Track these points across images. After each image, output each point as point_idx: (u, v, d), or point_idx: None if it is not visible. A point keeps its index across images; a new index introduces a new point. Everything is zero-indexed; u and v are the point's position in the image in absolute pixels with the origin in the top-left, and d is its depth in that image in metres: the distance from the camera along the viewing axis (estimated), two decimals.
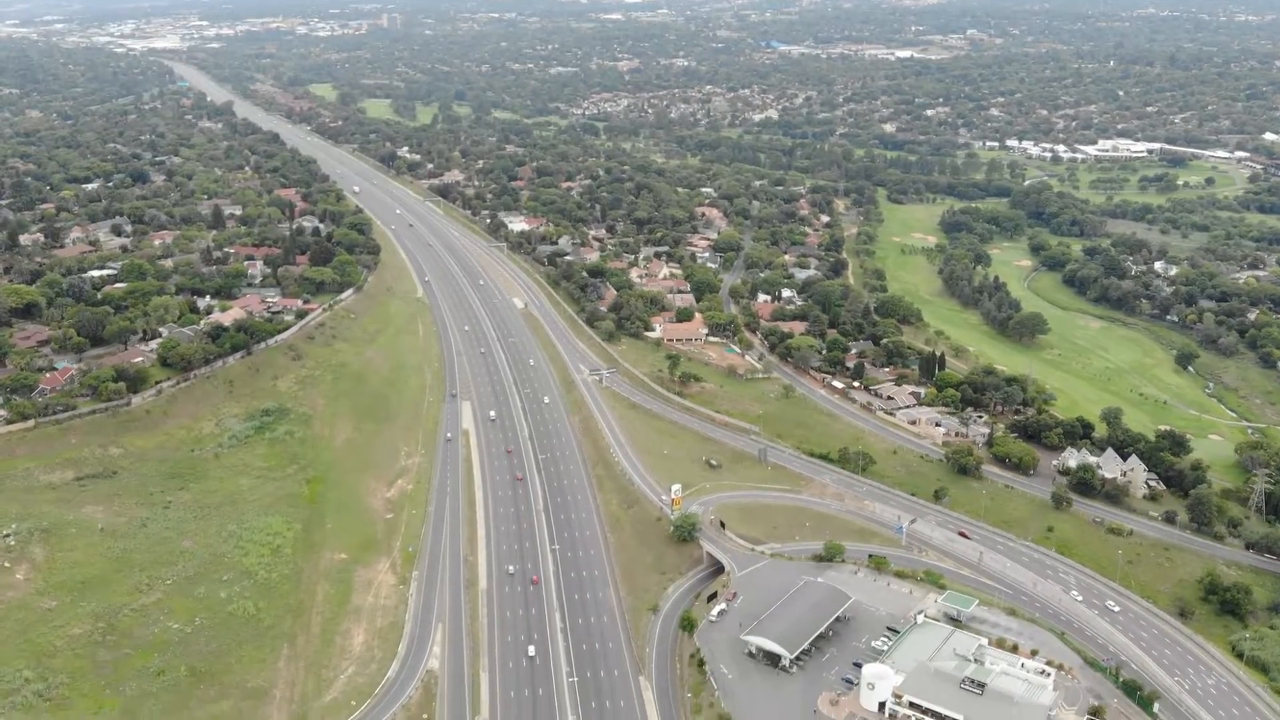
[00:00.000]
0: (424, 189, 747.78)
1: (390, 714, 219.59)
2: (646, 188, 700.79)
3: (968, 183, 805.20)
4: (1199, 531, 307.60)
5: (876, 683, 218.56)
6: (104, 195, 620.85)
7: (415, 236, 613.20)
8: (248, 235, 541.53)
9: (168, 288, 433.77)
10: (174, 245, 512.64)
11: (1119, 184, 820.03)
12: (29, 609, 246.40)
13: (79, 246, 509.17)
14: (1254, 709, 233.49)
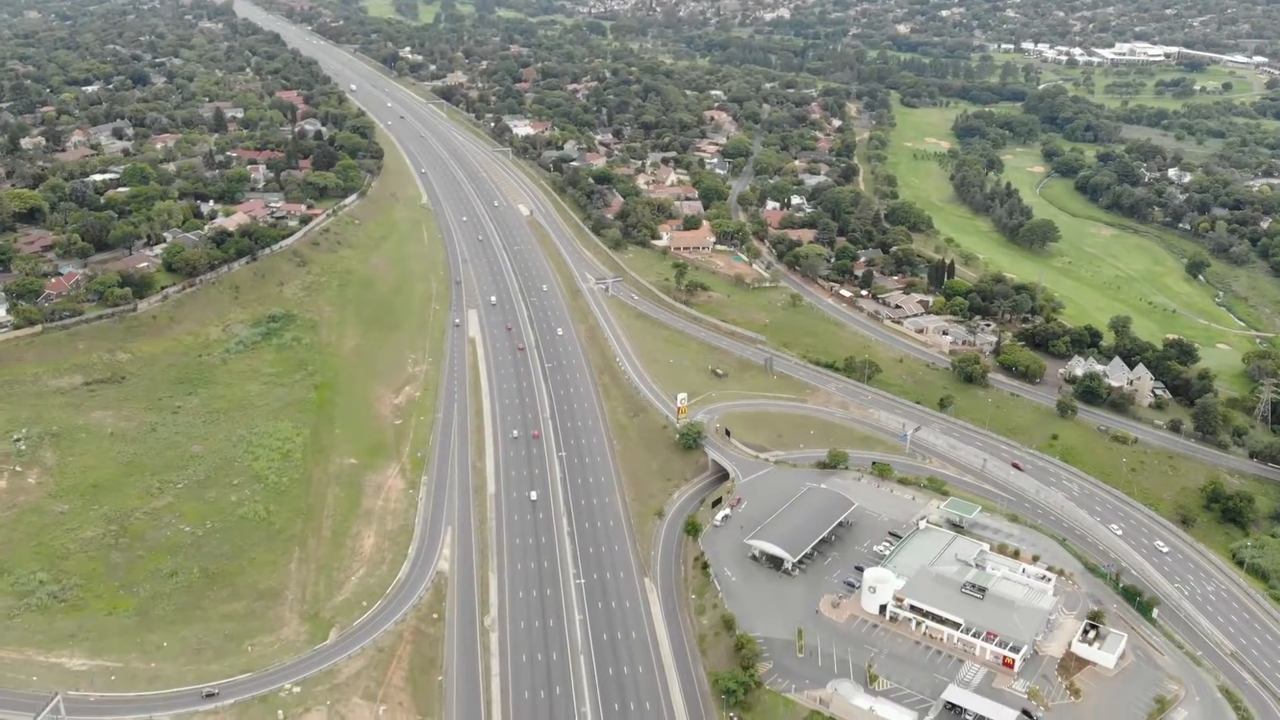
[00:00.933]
0: (426, 91, 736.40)
1: (402, 613, 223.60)
2: (654, 90, 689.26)
3: (982, 86, 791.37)
4: (1204, 440, 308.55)
5: (878, 586, 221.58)
6: (104, 98, 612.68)
7: (419, 141, 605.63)
8: (250, 139, 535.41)
9: (170, 192, 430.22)
10: (176, 149, 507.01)
11: (1135, 88, 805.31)
12: (41, 512, 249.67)
13: (80, 150, 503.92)
14: (1252, 615, 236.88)
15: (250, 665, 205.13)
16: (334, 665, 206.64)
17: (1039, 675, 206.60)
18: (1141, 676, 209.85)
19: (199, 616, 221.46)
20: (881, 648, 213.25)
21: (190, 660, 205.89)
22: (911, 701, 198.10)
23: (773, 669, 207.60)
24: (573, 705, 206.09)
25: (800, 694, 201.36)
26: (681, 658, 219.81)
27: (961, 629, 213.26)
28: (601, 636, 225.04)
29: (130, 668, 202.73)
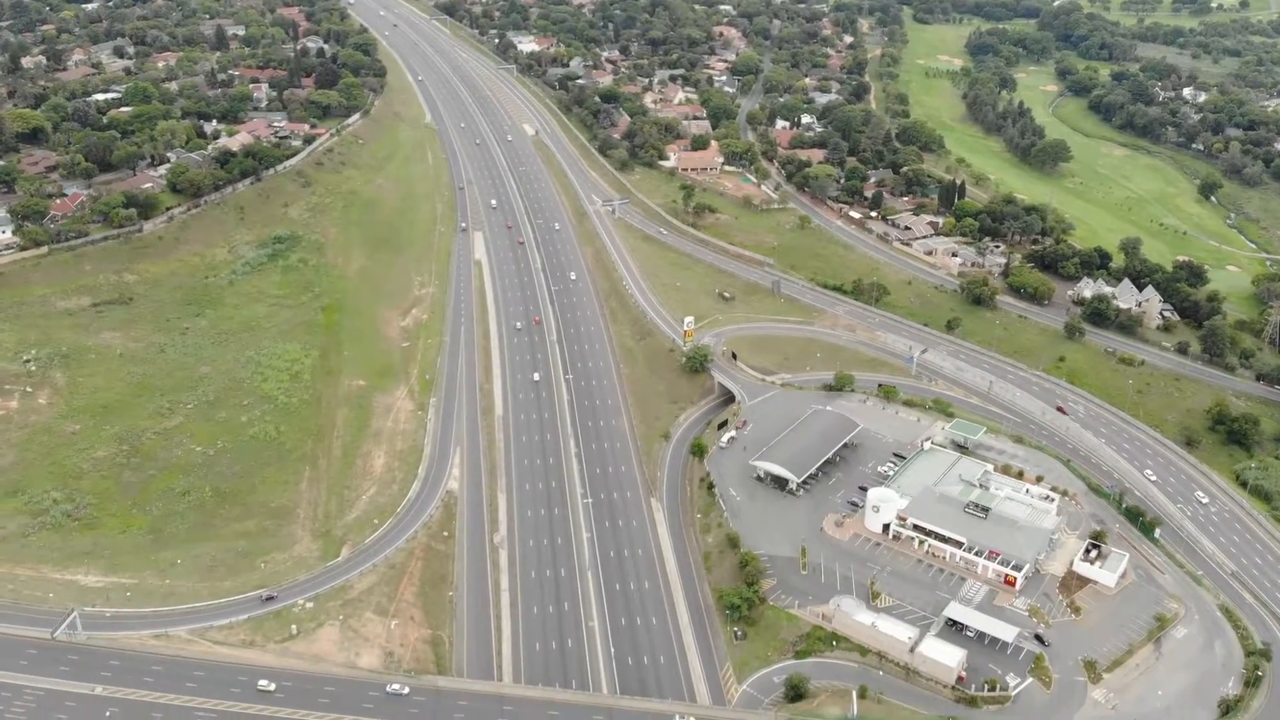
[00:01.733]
0: (429, 6, 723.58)
1: (412, 531, 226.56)
2: (662, 5, 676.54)
3: (996, 2, 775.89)
4: (1211, 363, 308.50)
5: (881, 505, 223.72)
6: (104, 15, 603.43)
7: (422, 58, 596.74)
8: (251, 57, 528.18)
9: (173, 112, 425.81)
10: (177, 67, 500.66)
11: (1151, 5, 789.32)
12: (53, 432, 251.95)
13: (81, 69, 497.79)
14: (1254, 535, 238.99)
15: (263, 582, 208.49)
16: (346, 581, 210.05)
17: (1040, 593, 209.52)
18: (1142, 595, 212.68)
19: (211, 534, 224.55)
20: (884, 566, 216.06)
21: (203, 577, 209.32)
22: (913, 618, 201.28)
23: (776, 585, 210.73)
24: (580, 619, 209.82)
25: (803, 609, 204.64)
26: (687, 574, 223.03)
27: (964, 548, 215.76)
28: (609, 554, 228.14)
29: (145, 584, 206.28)
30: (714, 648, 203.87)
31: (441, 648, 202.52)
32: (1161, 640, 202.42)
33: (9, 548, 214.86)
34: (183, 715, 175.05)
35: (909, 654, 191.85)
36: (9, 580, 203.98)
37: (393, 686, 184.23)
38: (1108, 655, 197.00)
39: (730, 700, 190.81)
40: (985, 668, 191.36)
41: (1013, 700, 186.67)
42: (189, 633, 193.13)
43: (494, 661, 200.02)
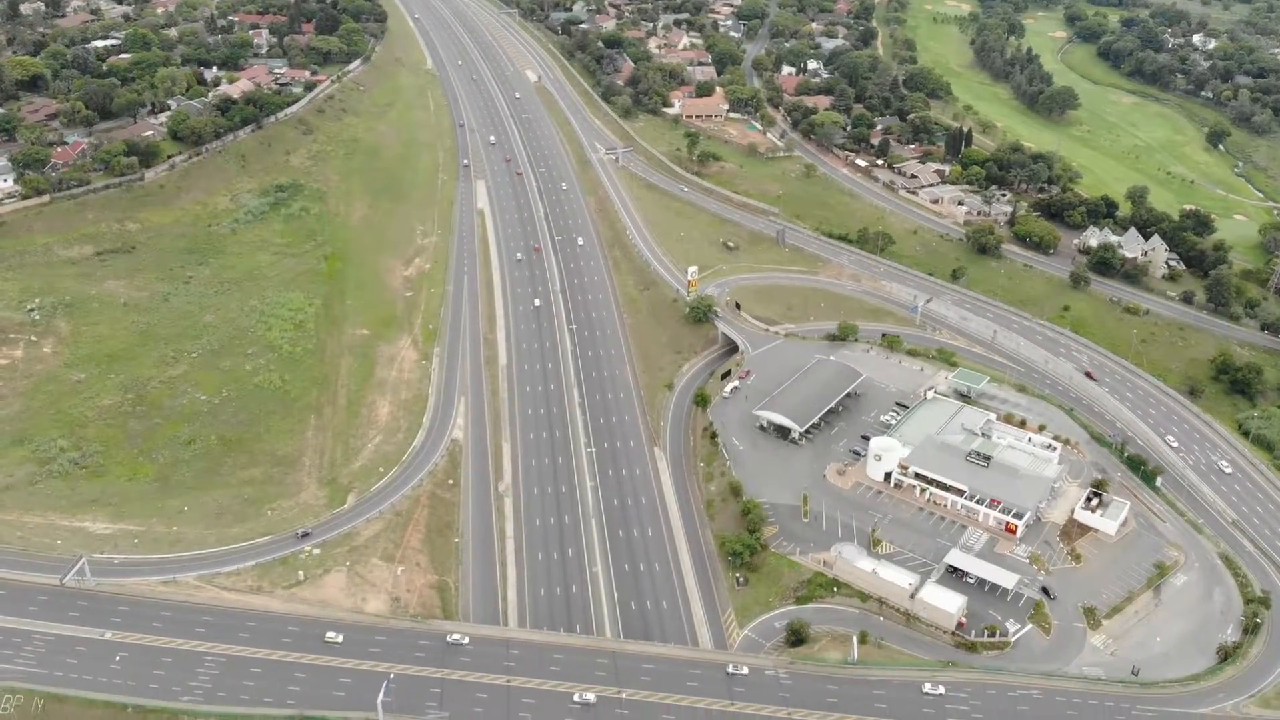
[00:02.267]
0: None
1: (418, 479, 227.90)
2: None
3: None
4: (1216, 312, 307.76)
5: (883, 454, 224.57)
6: None
7: (422, 2, 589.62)
8: (251, 2, 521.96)
9: (173, 59, 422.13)
10: (177, 13, 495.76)
11: None
12: (59, 381, 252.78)
13: (80, 16, 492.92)
14: (1255, 484, 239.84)
15: (270, 528, 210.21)
16: (353, 528, 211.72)
17: (1041, 541, 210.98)
18: (1142, 543, 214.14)
19: (218, 482, 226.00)
20: (885, 514, 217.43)
21: (211, 524, 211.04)
22: (914, 565, 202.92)
23: (778, 533, 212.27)
24: (585, 565, 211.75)
25: (804, 557, 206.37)
26: (690, 522, 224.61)
27: (965, 496, 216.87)
28: (612, 502, 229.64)
29: (152, 531, 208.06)
30: (716, 593, 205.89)
31: (447, 593, 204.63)
32: (1161, 587, 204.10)
33: (17, 495, 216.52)
34: (192, 660, 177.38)
35: (909, 600, 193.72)
36: (17, 527, 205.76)
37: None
38: (1107, 602, 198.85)
39: (732, 644, 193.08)
40: (985, 614, 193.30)
41: (1012, 646, 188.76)
42: (197, 579, 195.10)
43: (499, 607, 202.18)
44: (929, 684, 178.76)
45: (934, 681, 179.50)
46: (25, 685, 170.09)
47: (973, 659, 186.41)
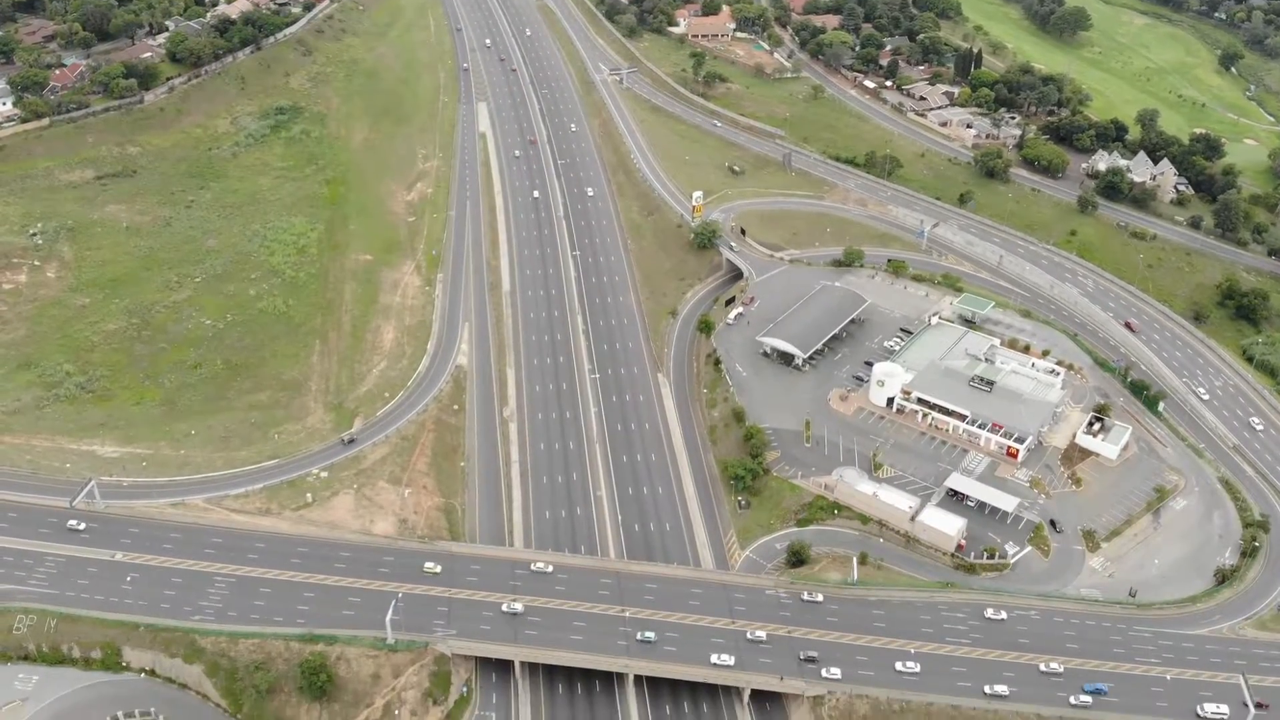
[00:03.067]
0: None
1: (423, 404, 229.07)
2: None
3: None
4: (1223, 237, 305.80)
5: (886, 380, 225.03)
6: None
7: None
8: None
9: None
10: None
11: None
12: (63, 306, 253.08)
13: None
14: (1257, 409, 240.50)
15: (277, 452, 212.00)
16: (359, 452, 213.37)
17: (1042, 465, 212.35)
18: (1143, 467, 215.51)
19: (224, 406, 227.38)
20: (887, 438, 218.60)
21: (218, 447, 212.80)
22: (914, 488, 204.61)
23: (780, 458, 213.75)
24: (589, 489, 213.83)
25: (806, 480, 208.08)
26: (693, 447, 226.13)
27: (967, 420, 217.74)
28: (616, 427, 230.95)
29: (160, 455, 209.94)
30: (718, 516, 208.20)
31: (454, 515, 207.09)
32: (1160, 511, 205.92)
33: (25, 419, 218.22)
34: (202, 580, 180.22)
35: (909, 523, 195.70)
36: (26, 451, 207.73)
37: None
38: (1106, 525, 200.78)
39: (733, 565, 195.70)
40: (985, 536, 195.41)
41: (1011, 568, 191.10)
42: (205, 501, 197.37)
43: (505, 528, 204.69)
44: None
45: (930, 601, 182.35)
46: (38, 606, 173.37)
47: (971, 580, 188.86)
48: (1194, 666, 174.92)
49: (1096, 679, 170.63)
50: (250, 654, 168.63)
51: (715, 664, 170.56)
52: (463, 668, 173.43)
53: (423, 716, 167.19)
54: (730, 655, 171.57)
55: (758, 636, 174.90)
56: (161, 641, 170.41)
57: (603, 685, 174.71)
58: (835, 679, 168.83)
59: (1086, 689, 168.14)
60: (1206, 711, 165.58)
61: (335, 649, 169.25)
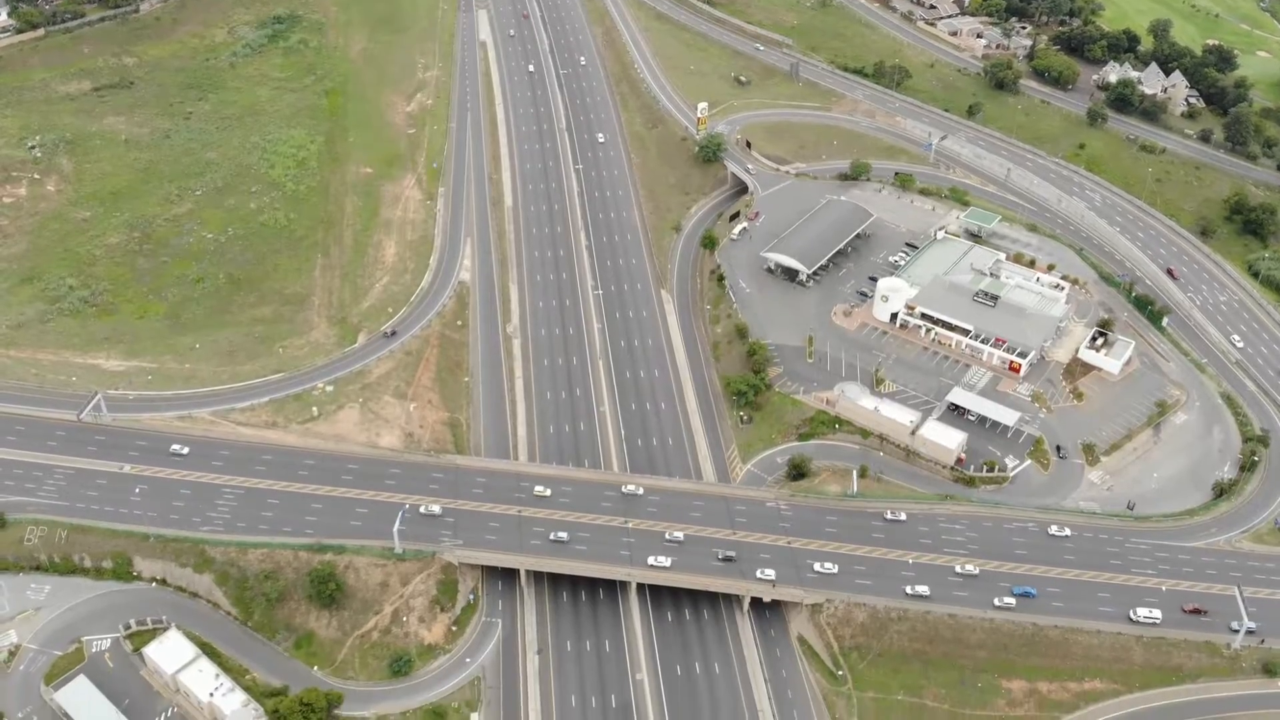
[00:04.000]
0: None
1: (426, 320, 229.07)
2: None
3: None
4: (1233, 151, 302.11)
5: (890, 295, 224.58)
6: None
7: None
8: None
9: None
10: None
11: None
12: (64, 219, 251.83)
13: None
14: (1261, 325, 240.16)
15: (282, 366, 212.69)
16: (364, 367, 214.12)
17: (1044, 380, 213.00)
18: (1145, 382, 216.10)
19: (228, 320, 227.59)
20: (890, 354, 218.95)
21: (223, 361, 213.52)
22: (916, 403, 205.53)
23: (783, 373, 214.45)
24: (592, 404, 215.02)
25: (808, 395, 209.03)
26: (696, 363, 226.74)
27: (971, 335, 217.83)
28: (619, 344, 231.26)
29: (165, 368, 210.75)
30: (720, 431, 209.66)
31: (459, 429, 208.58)
32: (1161, 426, 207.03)
33: (30, 333, 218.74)
34: (210, 492, 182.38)
35: (910, 436, 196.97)
36: (32, 365, 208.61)
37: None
38: (1107, 439, 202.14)
39: (735, 478, 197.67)
40: (985, 450, 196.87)
41: (1010, 481, 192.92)
42: (212, 414, 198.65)
43: (510, 443, 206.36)
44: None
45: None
46: (49, 517, 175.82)
47: (970, 493, 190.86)
48: (1189, 579, 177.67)
49: (1095, 589, 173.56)
50: (259, 563, 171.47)
51: (713, 565, 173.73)
52: (469, 576, 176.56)
53: (430, 623, 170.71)
54: (719, 566, 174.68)
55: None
56: (171, 552, 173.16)
57: (606, 593, 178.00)
58: (831, 572, 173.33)
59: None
60: (1139, 615, 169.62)
61: (344, 558, 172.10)
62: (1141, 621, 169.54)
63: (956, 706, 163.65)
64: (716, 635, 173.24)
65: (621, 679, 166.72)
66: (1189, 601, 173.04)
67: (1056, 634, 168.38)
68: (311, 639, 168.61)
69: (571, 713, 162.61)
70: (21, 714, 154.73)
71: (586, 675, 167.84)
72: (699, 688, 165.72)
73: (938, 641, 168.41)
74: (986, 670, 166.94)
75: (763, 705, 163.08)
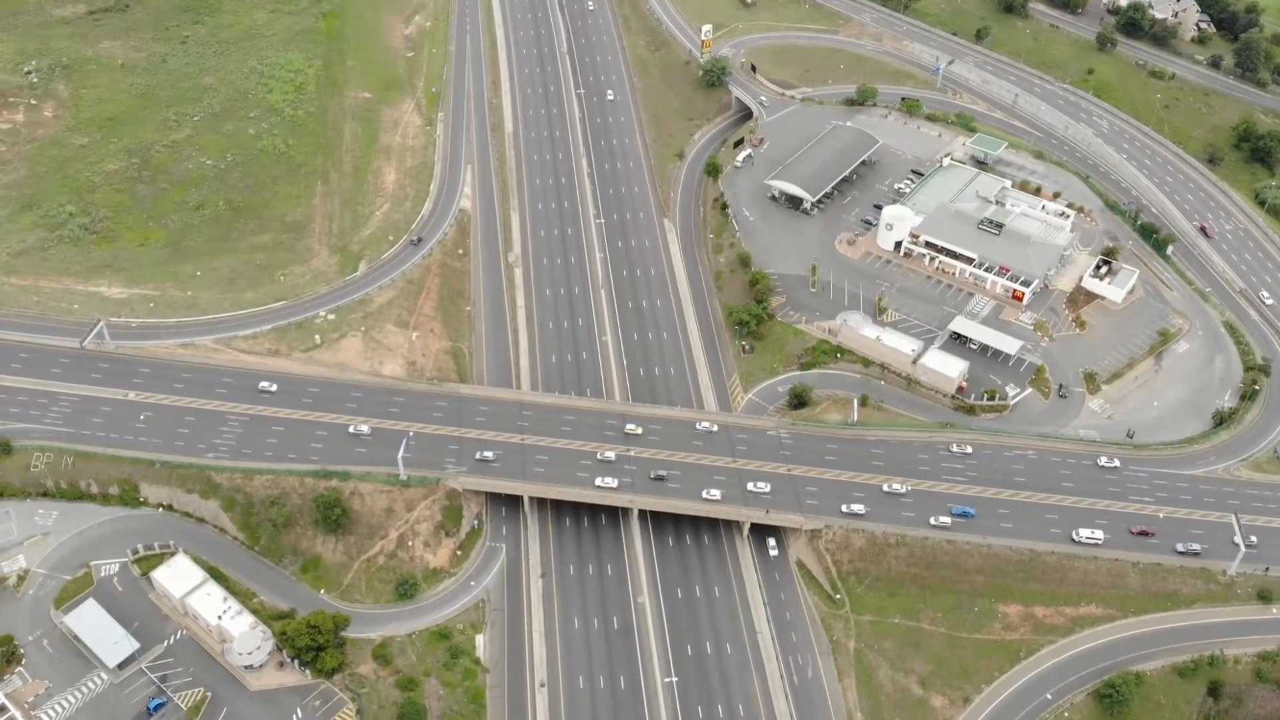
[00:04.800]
0: None
1: (427, 248, 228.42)
2: None
3: None
4: (1243, 78, 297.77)
5: (894, 223, 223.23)
6: None
7: None
8: None
9: None
10: None
11: None
12: (63, 145, 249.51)
13: None
14: (1266, 254, 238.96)
15: (284, 294, 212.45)
16: (366, 295, 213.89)
17: (1047, 308, 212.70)
18: (1148, 310, 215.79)
19: (229, 248, 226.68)
20: (893, 283, 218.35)
21: (225, 289, 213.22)
22: (918, 332, 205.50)
23: (785, 303, 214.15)
24: (594, 334, 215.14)
25: (810, 325, 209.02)
26: (698, 293, 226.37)
27: (974, 264, 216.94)
28: (621, 273, 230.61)
29: (167, 296, 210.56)
30: (722, 361, 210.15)
31: (462, 358, 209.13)
32: (1162, 354, 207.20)
33: (30, 260, 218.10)
34: (215, 419, 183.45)
35: (911, 365, 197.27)
36: (34, 292, 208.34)
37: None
38: (1108, 368, 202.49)
39: (736, 407, 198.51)
40: (986, 379, 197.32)
41: (1011, 409, 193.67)
42: (214, 342, 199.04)
43: (512, 372, 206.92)
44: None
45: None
46: (54, 444, 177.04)
47: (971, 421, 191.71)
48: (1187, 506, 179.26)
49: (1092, 517, 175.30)
50: (265, 489, 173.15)
51: (706, 498, 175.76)
52: (474, 503, 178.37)
53: (435, 548, 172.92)
54: (718, 491, 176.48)
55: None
56: (177, 478, 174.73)
57: (609, 520, 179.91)
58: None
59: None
60: (1081, 536, 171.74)
61: (349, 485, 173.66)
62: (1084, 542, 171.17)
63: (953, 629, 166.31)
64: (717, 560, 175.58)
65: (623, 602, 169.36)
66: (1136, 523, 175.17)
67: (1053, 560, 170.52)
68: (318, 563, 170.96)
69: (575, 634, 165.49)
70: (32, 637, 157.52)
71: (589, 598, 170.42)
72: (699, 610, 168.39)
73: (935, 567, 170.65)
74: (984, 595, 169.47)
75: (761, 627, 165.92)
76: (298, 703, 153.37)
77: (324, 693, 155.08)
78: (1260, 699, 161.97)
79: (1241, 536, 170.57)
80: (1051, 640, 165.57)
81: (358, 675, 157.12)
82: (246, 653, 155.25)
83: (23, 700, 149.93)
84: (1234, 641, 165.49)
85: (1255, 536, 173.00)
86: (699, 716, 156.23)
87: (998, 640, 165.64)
